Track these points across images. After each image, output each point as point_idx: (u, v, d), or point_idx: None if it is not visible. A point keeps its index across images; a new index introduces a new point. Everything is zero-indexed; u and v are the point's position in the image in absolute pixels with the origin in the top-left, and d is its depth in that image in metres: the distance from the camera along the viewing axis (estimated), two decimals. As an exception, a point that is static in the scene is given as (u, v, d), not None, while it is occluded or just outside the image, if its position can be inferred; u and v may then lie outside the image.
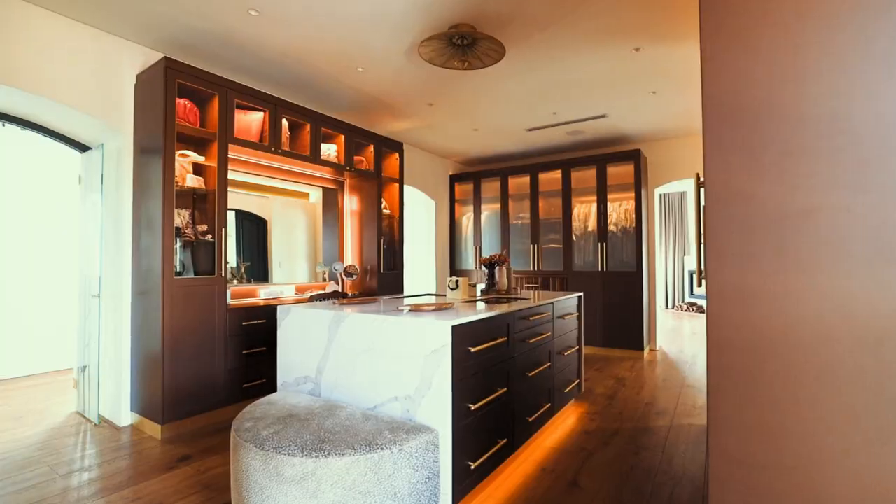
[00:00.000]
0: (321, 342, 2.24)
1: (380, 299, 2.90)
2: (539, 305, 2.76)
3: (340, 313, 2.18)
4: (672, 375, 4.30)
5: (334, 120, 4.01)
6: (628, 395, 3.69)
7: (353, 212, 4.64)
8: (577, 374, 3.40)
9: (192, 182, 3.08)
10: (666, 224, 10.41)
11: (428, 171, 6.14)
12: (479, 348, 2.03)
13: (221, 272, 3.08)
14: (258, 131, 3.44)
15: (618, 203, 5.34)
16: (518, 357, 2.46)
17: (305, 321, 2.32)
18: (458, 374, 1.90)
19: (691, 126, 5.06)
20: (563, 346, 3.14)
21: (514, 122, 4.84)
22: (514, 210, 6.07)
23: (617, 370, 4.50)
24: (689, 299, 9.94)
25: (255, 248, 3.87)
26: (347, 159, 4.13)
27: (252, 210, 3.84)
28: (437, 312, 2.14)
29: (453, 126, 4.97)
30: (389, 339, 2.00)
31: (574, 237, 5.55)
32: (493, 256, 3.29)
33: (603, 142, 5.69)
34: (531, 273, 5.81)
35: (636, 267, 5.10)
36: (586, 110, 4.49)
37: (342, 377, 2.15)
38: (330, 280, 4.40)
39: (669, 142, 5.53)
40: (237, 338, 3.19)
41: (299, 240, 4.24)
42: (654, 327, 5.52)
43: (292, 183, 4.16)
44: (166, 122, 2.82)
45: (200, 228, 3.12)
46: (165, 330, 2.80)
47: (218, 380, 3.07)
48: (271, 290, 3.83)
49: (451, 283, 2.99)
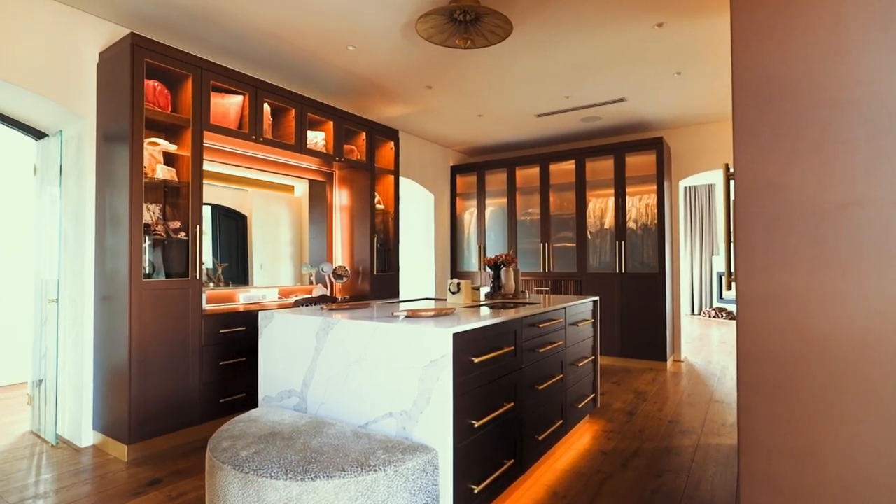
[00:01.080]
0: (308, 352, 2.24)
1: (373, 304, 2.90)
2: (550, 311, 2.75)
3: (329, 320, 2.18)
4: (698, 390, 4.30)
5: (322, 105, 4.00)
6: (649, 411, 3.69)
7: (343, 207, 4.64)
8: (593, 388, 3.41)
9: (163, 174, 3.08)
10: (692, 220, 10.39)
11: (427, 161, 6.14)
12: (484, 358, 2.03)
13: (196, 274, 3.08)
14: (237, 117, 3.44)
15: (638, 197, 5.33)
16: (526, 368, 2.46)
17: (290, 329, 2.32)
18: (459, 387, 1.90)
19: (720, 111, 5.05)
20: (577, 356, 3.14)
21: (522, 106, 4.84)
22: (522, 205, 6.06)
23: (637, 383, 4.50)
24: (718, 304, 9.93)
25: (233, 247, 3.87)
26: (337, 148, 4.13)
27: (230, 205, 3.84)
28: (437, 319, 2.14)
29: (455, 111, 4.97)
30: (383, 349, 1.99)
31: (589, 235, 5.54)
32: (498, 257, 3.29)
33: (621, 129, 5.68)
34: (541, 275, 5.80)
35: (658, 268, 5.10)
36: (603, 94, 4.49)
37: (331, 391, 2.15)
38: (317, 283, 4.40)
39: (695, 128, 5.52)
40: (214, 347, 3.19)
41: (283, 238, 4.24)
42: (679, 336, 5.52)
43: (275, 175, 4.16)
44: (133, 106, 2.82)
45: (172, 225, 3.12)
46: (133, 339, 2.80)
47: (192, 394, 3.07)
48: (252, 295, 3.83)
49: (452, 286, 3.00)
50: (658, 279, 5.09)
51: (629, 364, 5.25)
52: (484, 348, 2.09)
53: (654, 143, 5.15)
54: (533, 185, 5.96)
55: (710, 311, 9.58)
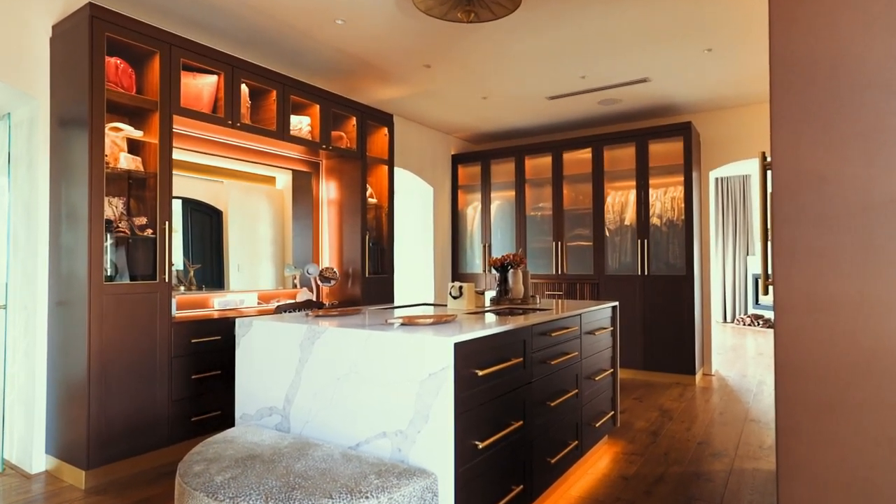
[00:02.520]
0: (291, 364, 2.24)
1: (364, 310, 2.90)
2: (563, 318, 2.76)
3: (315, 328, 2.18)
4: (732, 407, 4.30)
5: (307, 86, 4.01)
6: (676, 431, 3.69)
7: (331, 201, 4.64)
8: (612, 405, 3.41)
9: (127, 163, 3.07)
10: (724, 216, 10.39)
11: (425, 149, 6.14)
12: (489, 371, 2.03)
13: (165, 277, 3.08)
14: (210, 100, 3.44)
15: (662, 189, 5.33)
16: (537, 383, 2.46)
17: (271, 338, 2.32)
18: (461, 403, 1.90)
19: (756, 92, 5.05)
20: (594, 368, 3.14)
21: (532, 88, 4.83)
22: (531, 198, 6.06)
23: (662, 400, 4.50)
24: (754, 311, 9.93)
25: (207, 246, 3.87)
26: (324, 135, 4.13)
27: (204, 199, 3.84)
28: (436, 326, 2.14)
29: (456, 94, 4.97)
30: (376, 361, 2.00)
31: (607, 232, 5.54)
32: (505, 257, 3.29)
33: (644, 113, 5.68)
34: (553, 277, 5.80)
35: (685, 270, 5.10)
36: (623, 73, 4.49)
37: (317, 408, 2.15)
38: (302, 286, 4.40)
39: (728, 112, 5.52)
40: (185, 359, 3.18)
41: (263, 236, 4.24)
42: (709, 346, 5.52)
43: (254, 165, 4.17)
44: (93, 86, 2.82)
45: (138, 221, 3.11)
46: (93, 350, 2.80)
47: (160, 412, 3.07)
48: (228, 300, 3.83)
49: (454, 289, 3.00)
50: (685, 282, 5.09)
51: (653, 378, 5.24)
52: (489, 360, 2.09)
53: (681, 128, 5.15)
54: (544, 177, 5.95)
55: (744, 319, 9.58)
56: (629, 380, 5.25)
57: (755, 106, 5.39)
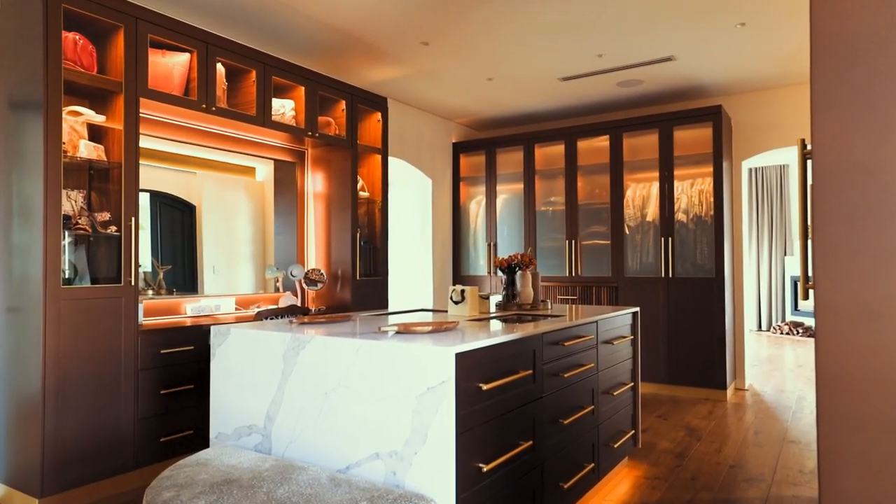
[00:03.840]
0: (273, 377, 2.24)
1: (355, 317, 2.90)
2: (577, 325, 2.76)
3: (300, 337, 2.17)
4: (768, 426, 4.30)
5: (291, 66, 4.00)
6: (705, 452, 3.69)
7: (318, 194, 4.63)
8: (632, 423, 3.41)
9: (88, 151, 3.07)
10: (758, 211, 10.39)
11: (423, 137, 6.13)
12: (494, 385, 2.03)
13: (131, 279, 3.08)
14: (182, 81, 3.43)
15: (689, 182, 5.32)
16: (548, 398, 2.46)
17: (251, 348, 2.32)
18: (464, 421, 1.90)
19: (795, 71, 5.04)
20: (612, 382, 3.14)
21: (542, 68, 4.83)
22: (542, 192, 6.06)
23: (688, 417, 4.50)
24: (793, 317, 9.92)
25: (178, 245, 3.86)
26: (309, 121, 4.13)
27: (175, 192, 3.84)
28: (436, 335, 2.14)
29: (458, 74, 4.97)
30: (369, 373, 1.99)
31: (627, 230, 5.54)
32: (513, 257, 3.29)
33: (668, 95, 5.67)
34: (566, 280, 5.79)
35: (715, 272, 5.10)
36: (645, 51, 4.48)
37: (302, 427, 2.15)
38: (285, 290, 4.40)
39: (763, 94, 5.51)
40: (153, 372, 3.18)
41: (242, 234, 4.24)
42: (742, 357, 5.51)
43: (232, 154, 4.16)
44: (48, 65, 2.81)
45: (101, 217, 3.11)
46: (48, 362, 2.80)
47: (124, 432, 3.06)
48: (202, 305, 3.83)
49: (455, 293, 3.00)
50: (715, 285, 5.08)
51: (678, 393, 5.23)
52: (495, 372, 2.09)
53: (710, 113, 5.14)
54: (556, 167, 5.95)
55: (782, 327, 9.57)
56: (652, 395, 5.24)
57: (794, 87, 5.38)
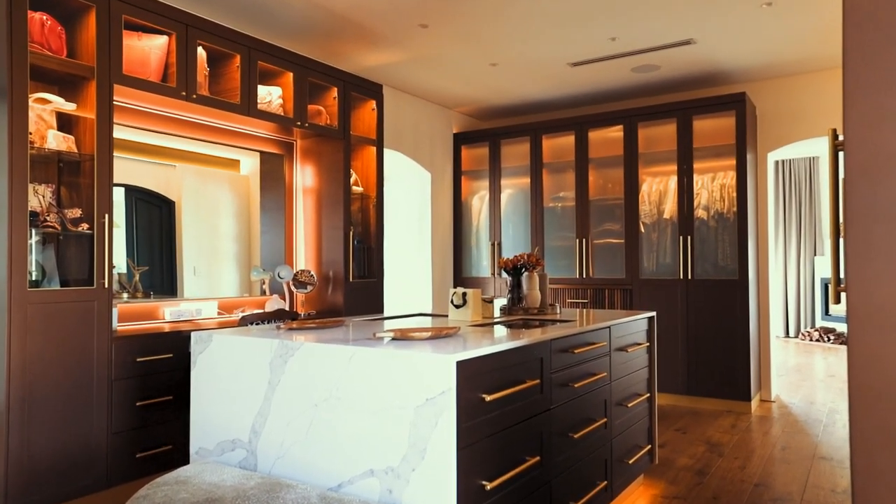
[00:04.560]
0: (259, 387, 2.23)
1: (348, 322, 2.89)
2: (589, 331, 2.76)
3: (288, 343, 2.17)
4: (797, 441, 4.28)
5: (279, 50, 3.99)
6: (728, 469, 3.68)
7: (308, 189, 4.62)
8: (648, 437, 3.40)
9: (58, 142, 3.06)
10: (786, 207, 10.38)
11: (421, 127, 6.12)
12: (499, 396, 2.03)
13: (104, 281, 3.06)
14: (160, 66, 3.42)
15: (710, 175, 5.31)
16: (557, 410, 2.46)
17: (235, 355, 2.31)
18: (466, 434, 1.89)
19: (826, 55, 5.02)
20: (626, 393, 3.13)
21: (551, 52, 4.81)
22: (550, 187, 6.05)
23: (709, 431, 4.48)
24: (823, 323, 9.91)
25: (156, 244, 3.85)
26: (298, 110, 4.11)
27: (152, 187, 3.83)
28: (435, 341, 2.14)
29: (459, 59, 4.95)
30: (362, 383, 1.99)
31: (642, 228, 5.52)
32: (518, 258, 3.29)
33: (687, 82, 5.66)
34: (577, 282, 5.78)
35: (739, 273, 5.08)
36: (663, 33, 4.47)
37: (290, 441, 2.14)
38: (272, 293, 4.39)
39: (791, 80, 5.50)
40: (128, 382, 3.17)
41: (225, 232, 4.23)
42: (768, 366, 5.50)
43: (214, 146, 4.15)
44: (12, 48, 2.79)
45: (71, 214, 3.10)
46: (13, 371, 2.78)
47: (97, 447, 3.05)
48: (182, 309, 3.81)
49: (456, 297, 3.00)
50: (738, 288, 5.06)
51: (698, 404, 5.22)
52: (499, 382, 2.08)
53: (732, 100, 5.13)
54: (566, 160, 5.94)
55: (811, 333, 9.57)
56: (670, 407, 5.23)
57: (825, 73, 5.36)
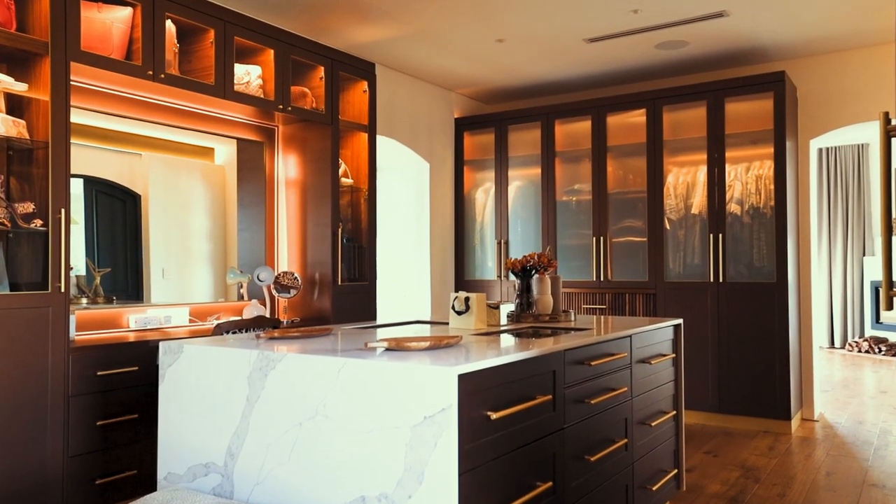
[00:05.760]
0: (235, 404, 2.23)
1: (336, 330, 2.89)
2: (607, 341, 2.75)
3: (269, 354, 2.16)
4: (844, 466, 4.27)
5: (258, 24, 3.98)
6: (765, 497, 3.67)
7: (291, 181, 4.61)
8: (675, 460, 3.40)
9: (7, 128, 3.05)
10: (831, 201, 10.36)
11: (419, 111, 6.12)
12: (506, 413, 2.01)
13: (60, 285, 3.05)
14: (123, 41, 3.41)
15: (744, 165, 5.30)
16: (571, 429, 2.45)
17: (208, 368, 2.31)
18: (469, 457, 1.88)
19: (876, 28, 5.00)
20: (650, 410, 3.13)
21: (565, 26, 4.81)
22: (564, 178, 6.04)
23: (744, 454, 4.47)
24: (873, 331, 9.88)
25: (120, 243, 3.85)
26: (280, 92, 4.10)
27: (115, 178, 3.82)
28: (434, 352, 2.13)
29: (462, 34, 4.95)
30: (353, 399, 1.98)
31: (667, 224, 5.52)
32: (528, 258, 3.28)
33: (719, 59, 5.65)
34: (593, 285, 5.77)
35: (777, 275, 5.07)
36: (691, 5, 4.46)
37: (272, 464, 2.14)
38: (251, 298, 4.38)
39: (837, 58, 5.48)
40: (88, 398, 3.16)
41: (197, 229, 4.23)
42: (811, 380, 5.49)
43: (185, 132, 4.15)
44: (-37, 24, 2.79)
45: (22, 209, 3.10)
46: (-38, 384, 2.78)
47: (51, 473, 3.04)
48: (149, 316, 3.81)
49: (458, 302, 2.99)
50: (777, 292, 5.06)
51: (731, 423, 5.21)
52: (506, 398, 2.08)
53: (770, 80, 5.11)
54: (581, 148, 5.93)
55: (860, 343, 9.54)
56: (698, 426, 5.21)
57: (876, 48, 5.34)
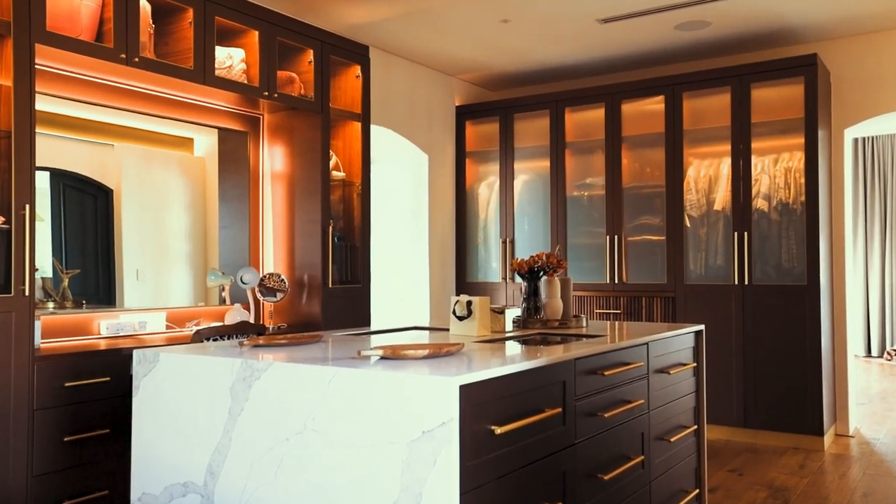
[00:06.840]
0: (216, 418, 2.22)
1: (327, 336, 2.88)
2: (621, 349, 2.75)
3: (253, 363, 2.16)
4: (882, 486, 4.27)
5: (242, 3, 3.97)
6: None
7: (278, 174, 4.61)
8: (696, 480, 3.39)
9: (-29, 117, 3.07)
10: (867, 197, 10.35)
11: (417, 98, 6.12)
12: (511, 428, 2.01)
13: (24, 288, 3.06)
14: (93, 21, 3.41)
15: (773, 157, 5.30)
16: (583, 445, 2.45)
17: (187, 378, 2.30)
18: (471, 476, 1.88)
19: (911, 12, 5.01)
20: (668, 424, 3.13)
21: (575, 5, 4.81)
22: (575, 171, 6.05)
23: (771, 473, 4.47)
24: (913, 340, 9.88)
25: (90, 242, 3.85)
26: (265, 77, 4.11)
27: (85, 171, 3.82)
28: (433, 361, 2.13)
29: (463, 14, 4.95)
30: (345, 412, 1.98)
31: (688, 222, 5.52)
32: (535, 258, 3.28)
33: (743, 41, 5.65)
34: (607, 288, 5.78)
35: (808, 277, 5.07)
36: (713, -18, 4.47)
37: (256, 484, 2.13)
38: (233, 302, 4.38)
39: (875, 39, 5.48)
40: (55, 412, 3.16)
41: (175, 227, 4.23)
42: (845, 392, 5.49)
43: (162, 121, 4.15)
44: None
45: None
46: (-81, 396, 2.79)
47: (14, 493, 3.03)
48: (122, 322, 3.81)
49: (460, 306, 2.99)
50: (808, 296, 5.06)
51: (758, 439, 5.21)
52: (512, 411, 2.08)
53: (801, 64, 5.12)
54: (593, 139, 5.94)
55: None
56: (722, 442, 5.22)
57: (911, 31, 5.36)
